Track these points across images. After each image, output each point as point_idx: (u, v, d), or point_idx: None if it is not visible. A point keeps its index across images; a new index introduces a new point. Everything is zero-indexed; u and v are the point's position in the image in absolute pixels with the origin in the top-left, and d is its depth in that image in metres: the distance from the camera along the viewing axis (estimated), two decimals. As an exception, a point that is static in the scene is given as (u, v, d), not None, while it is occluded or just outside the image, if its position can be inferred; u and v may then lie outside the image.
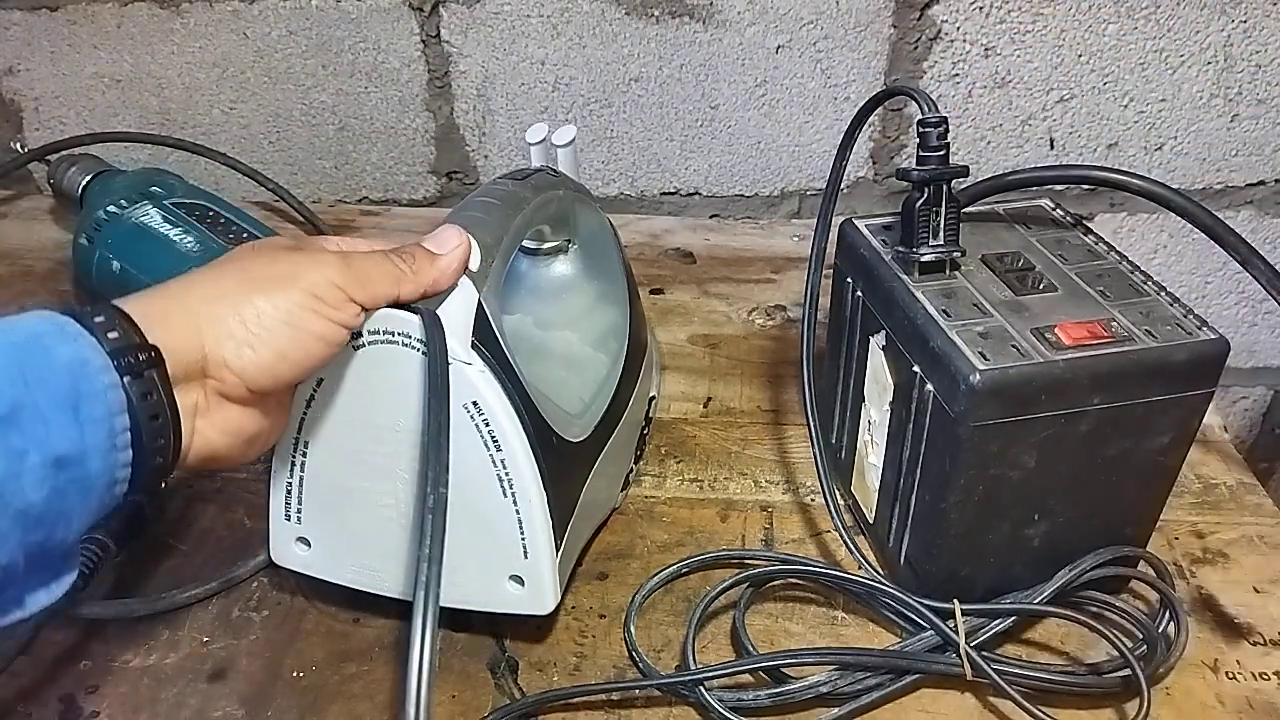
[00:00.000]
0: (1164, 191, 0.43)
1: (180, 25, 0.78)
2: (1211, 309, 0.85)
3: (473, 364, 0.38)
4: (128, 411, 0.30)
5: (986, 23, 0.73)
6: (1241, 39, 0.72)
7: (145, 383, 0.31)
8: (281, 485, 0.42)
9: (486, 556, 0.41)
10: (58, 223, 0.80)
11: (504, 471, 0.39)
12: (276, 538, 0.44)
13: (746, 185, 0.82)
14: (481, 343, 0.39)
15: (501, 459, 0.39)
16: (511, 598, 0.42)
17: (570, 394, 0.48)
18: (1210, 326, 0.40)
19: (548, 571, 0.41)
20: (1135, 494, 0.43)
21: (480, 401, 0.38)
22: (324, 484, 0.42)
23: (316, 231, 0.77)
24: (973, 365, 0.38)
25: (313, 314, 0.35)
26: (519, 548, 0.40)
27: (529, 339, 0.53)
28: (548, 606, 0.42)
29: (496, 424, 0.39)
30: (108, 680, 0.43)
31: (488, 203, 0.44)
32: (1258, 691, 0.43)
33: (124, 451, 0.30)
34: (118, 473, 0.30)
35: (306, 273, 0.35)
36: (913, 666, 0.42)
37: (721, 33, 0.75)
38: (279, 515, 0.43)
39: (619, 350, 0.52)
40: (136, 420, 0.30)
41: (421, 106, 0.80)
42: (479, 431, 0.39)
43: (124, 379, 0.30)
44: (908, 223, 0.43)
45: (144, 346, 0.31)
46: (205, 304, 0.33)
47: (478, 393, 0.38)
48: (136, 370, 0.30)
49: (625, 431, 0.51)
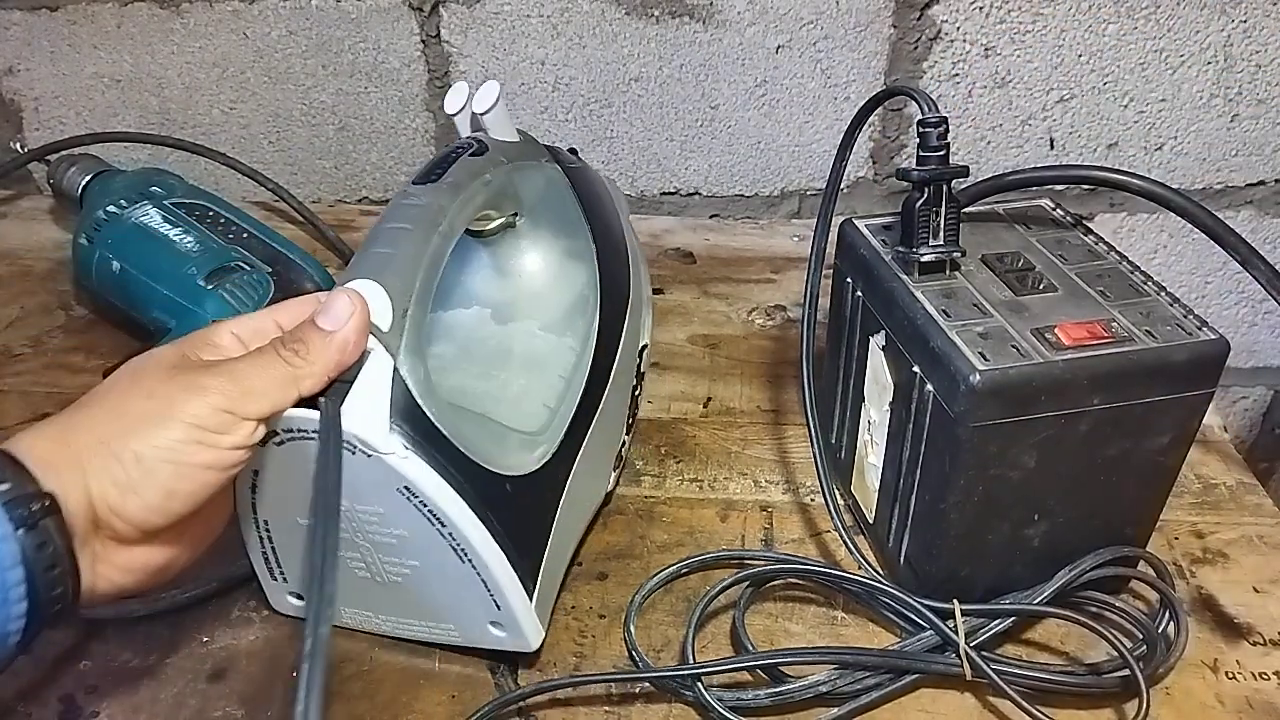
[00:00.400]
0: (1164, 191, 0.43)
1: (180, 25, 0.78)
2: (1211, 309, 0.85)
3: (393, 453, 0.35)
4: (22, 564, 0.28)
5: (986, 23, 0.73)
6: (1241, 39, 0.72)
7: (40, 533, 0.29)
8: (258, 554, 0.42)
9: (465, 608, 0.41)
10: (58, 223, 0.80)
11: (454, 543, 0.38)
12: (272, 593, 0.45)
13: (746, 185, 0.82)
14: (404, 419, 0.36)
15: (449, 533, 0.38)
16: (497, 639, 0.42)
17: (532, 404, 0.46)
18: (1210, 327, 0.40)
19: (524, 616, 0.41)
20: (1135, 494, 0.43)
21: (411, 486, 0.36)
22: (296, 553, 0.42)
23: (317, 231, 0.77)
24: (973, 365, 0.38)
25: (197, 446, 0.32)
26: (490, 602, 0.40)
27: (486, 340, 0.50)
28: (533, 645, 0.42)
29: (433, 504, 0.37)
30: (108, 680, 0.43)
31: (396, 230, 0.40)
32: (1258, 691, 0.43)
33: (18, 604, 0.28)
34: (9, 626, 0.28)
35: (185, 404, 0.32)
36: (912, 666, 0.42)
37: (721, 33, 0.75)
38: (266, 576, 0.43)
39: (590, 320, 0.48)
40: (31, 572, 0.28)
41: (421, 106, 0.80)
42: (419, 510, 0.37)
43: (18, 530, 0.28)
44: (908, 223, 0.43)
45: (38, 495, 0.29)
46: (86, 450, 0.31)
47: (406, 479, 0.36)
48: (30, 521, 0.28)
49: (610, 409, 0.48)
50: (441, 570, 0.39)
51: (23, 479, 0.29)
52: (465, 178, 0.43)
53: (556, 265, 0.51)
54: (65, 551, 0.30)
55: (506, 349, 0.50)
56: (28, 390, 0.61)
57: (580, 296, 0.50)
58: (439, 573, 0.39)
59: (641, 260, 0.54)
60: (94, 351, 0.65)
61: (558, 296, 0.51)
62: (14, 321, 0.68)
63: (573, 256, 0.51)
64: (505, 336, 0.50)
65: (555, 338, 0.49)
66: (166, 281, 0.59)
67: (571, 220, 0.50)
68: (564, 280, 0.51)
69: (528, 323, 0.51)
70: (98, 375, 0.57)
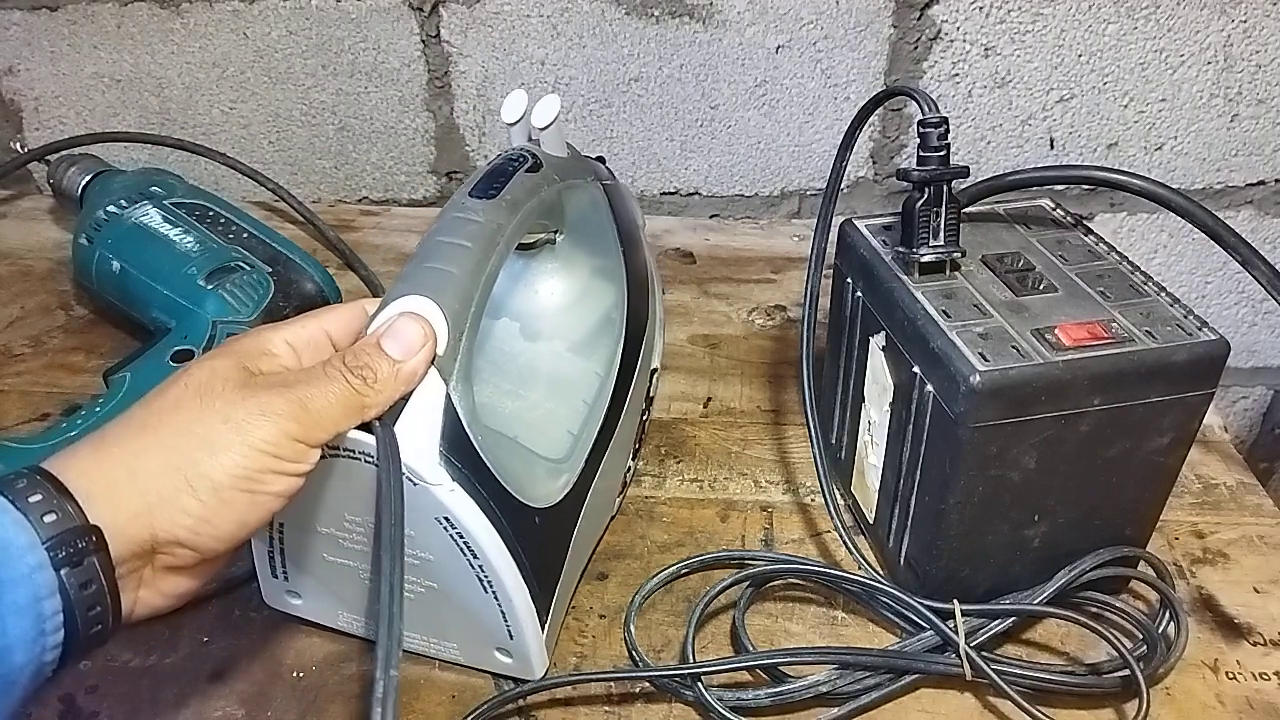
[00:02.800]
0: (1164, 191, 0.43)
1: (180, 25, 0.78)
2: (1211, 309, 0.85)
3: (441, 484, 0.35)
4: (59, 594, 0.27)
5: (986, 23, 0.73)
6: (1241, 39, 0.72)
7: (86, 570, 0.28)
8: (263, 551, 0.42)
9: (475, 632, 0.41)
10: (58, 223, 0.80)
11: (482, 574, 0.38)
12: (268, 588, 0.44)
13: (746, 185, 0.82)
14: (452, 449, 0.36)
15: (479, 564, 0.37)
16: (503, 664, 0.42)
17: (558, 429, 0.46)
18: (1210, 327, 0.40)
19: (533, 645, 0.41)
20: (1135, 494, 0.43)
21: (452, 518, 0.36)
22: (304, 556, 0.41)
23: (317, 231, 0.77)
24: (973, 366, 0.38)
25: (272, 475, 0.32)
26: (504, 631, 0.40)
27: (515, 358, 0.50)
28: (536, 674, 0.42)
29: (470, 537, 0.37)
30: (108, 680, 0.43)
31: (454, 247, 0.38)
32: (1258, 691, 0.43)
33: (54, 634, 0.27)
34: (45, 656, 0.27)
35: (260, 430, 0.31)
36: (912, 666, 0.42)
37: (721, 33, 0.75)
38: (266, 572, 0.43)
39: (614, 345, 0.48)
40: (70, 607, 0.27)
41: (421, 106, 0.80)
42: (454, 541, 0.37)
43: (60, 571, 0.27)
44: (908, 223, 0.43)
45: (85, 530, 0.28)
46: (156, 477, 0.30)
47: (448, 510, 0.36)
48: (75, 559, 0.27)
49: (622, 435, 0.49)
50: (459, 595, 0.39)
51: (70, 512, 0.28)
52: (523, 195, 0.42)
53: (586, 284, 0.51)
54: (108, 589, 0.29)
55: (534, 368, 0.50)
56: (28, 390, 0.61)
57: (606, 318, 0.50)
58: (456, 597, 0.39)
59: (657, 278, 0.54)
60: (94, 351, 0.65)
61: (585, 316, 0.51)
62: (14, 321, 0.68)
63: (603, 276, 0.50)
64: (533, 355, 0.50)
65: (581, 361, 0.49)
66: (166, 281, 0.59)
67: (607, 241, 0.50)
68: (592, 300, 0.51)
69: (555, 343, 0.50)
70: (98, 375, 0.57)
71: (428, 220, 0.42)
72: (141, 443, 0.31)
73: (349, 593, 0.42)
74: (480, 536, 0.37)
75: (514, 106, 0.46)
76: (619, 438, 0.48)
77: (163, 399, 0.32)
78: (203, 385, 0.32)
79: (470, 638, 0.42)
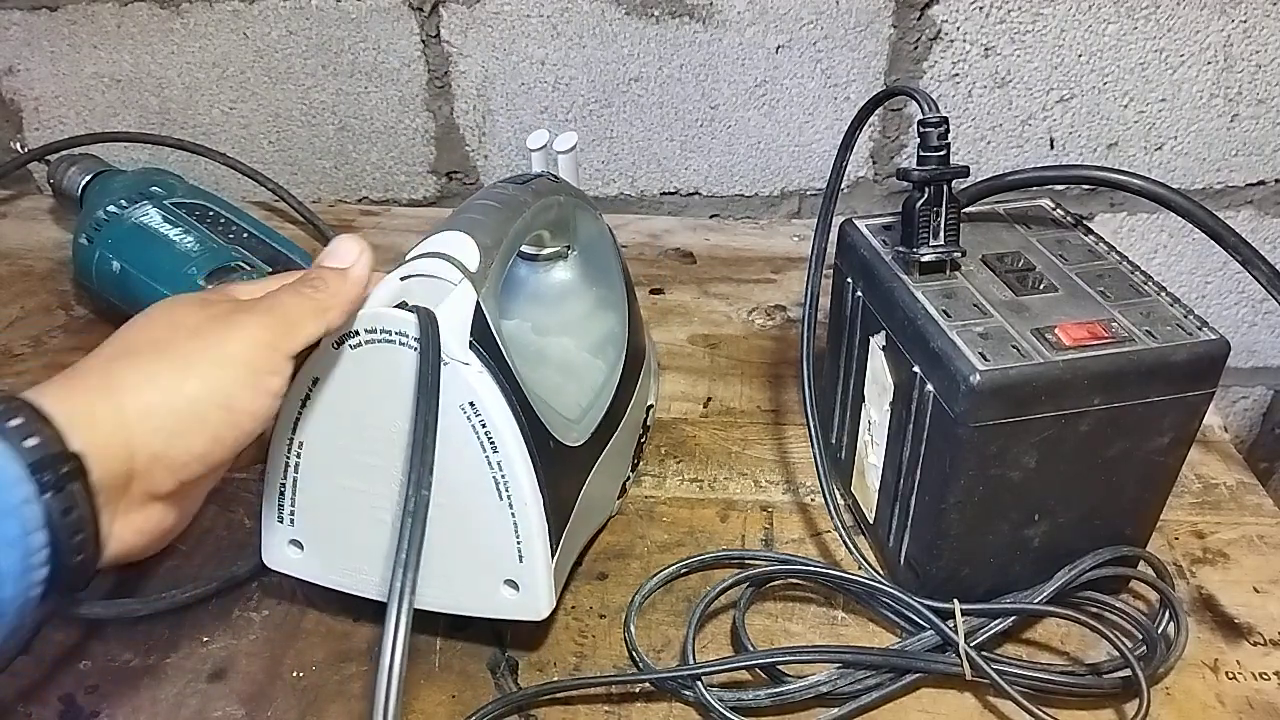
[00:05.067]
0: (1164, 191, 0.43)
1: (180, 25, 0.78)
2: (1211, 309, 0.85)
3: (470, 364, 0.38)
4: (46, 527, 0.27)
5: (986, 23, 0.73)
6: (1241, 39, 0.72)
7: (67, 497, 0.27)
8: (275, 486, 0.42)
9: (481, 561, 0.41)
10: (58, 223, 0.80)
11: (500, 474, 0.39)
12: (269, 540, 0.44)
13: (746, 185, 0.82)
14: (479, 343, 0.38)
15: (498, 460, 0.39)
16: (506, 603, 0.42)
17: (567, 400, 0.47)
18: (1210, 327, 0.40)
19: (543, 575, 0.41)
20: (1135, 494, 0.43)
21: (477, 402, 0.38)
22: (318, 485, 0.42)
23: (317, 231, 0.77)
24: (973, 365, 0.38)
25: (250, 390, 0.32)
26: (514, 552, 0.40)
27: (527, 344, 0.52)
28: (543, 612, 0.42)
29: (493, 425, 0.38)
30: (108, 680, 0.43)
31: (487, 205, 0.44)
32: (1258, 691, 0.43)
33: (40, 570, 0.27)
34: (31, 591, 0.27)
35: (235, 341, 0.32)
36: (912, 666, 0.42)
37: (721, 33, 0.75)
38: (271, 517, 0.43)
39: (617, 357, 0.51)
40: (56, 537, 0.27)
41: (421, 106, 0.80)
42: (475, 432, 0.38)
43: (44, 495, 0.27)
44: (908, 223, 0.43)
45: (66, 456, 0.28)
46: (134, 393, 0.30)
47: (474, 393, 0.38)
48: (58, 484, 0.27)
49: (623, 438, 0.50)
50: (471, 508, 0.39)
51: (50, 437, 0.28)
52: (546, 190, 0.47)
53: (591, 306, 0.55)
54: (90, 517, 0.29)
55: (546, 354, 0.52)
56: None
57: (611, 332, 0.53)
58: (468, 510, 0.40)
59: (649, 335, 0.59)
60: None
61: (592, 329, 0.54)
62: (14, 321, 0.68)
63: (606, 306, 0.54)
64: (545, 345, 0.53)
65: (589, 356, 0.52)
66: (166, 281, 0.59)
67: (611, 272, 0.54)
68: (598, 319, 0.54)
69: (565, 340, 0.53)
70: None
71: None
72: (115, 367, 0.31)
73: (357, 532, 0.42)
74: (502, 424, 0.38)
75: (537, 139, 0.54)
76: (619, 438, 0.49)
77: (131, 330, 0.33)
78: (171, 309, 0.34)
79: (478, 570, 0.41)
